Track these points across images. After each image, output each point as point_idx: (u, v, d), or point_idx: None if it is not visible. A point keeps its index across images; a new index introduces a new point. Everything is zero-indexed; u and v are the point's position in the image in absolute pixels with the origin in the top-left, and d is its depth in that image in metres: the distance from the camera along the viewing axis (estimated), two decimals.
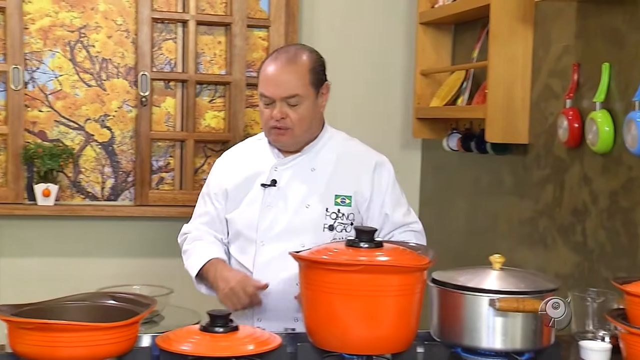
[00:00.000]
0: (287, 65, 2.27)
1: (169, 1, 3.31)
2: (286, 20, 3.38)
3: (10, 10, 3.11)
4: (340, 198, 2.34)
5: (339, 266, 1.80)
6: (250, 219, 2.32)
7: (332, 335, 1.82)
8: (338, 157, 2.37)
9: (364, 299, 1.79)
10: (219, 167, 2.46)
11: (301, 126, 2.29)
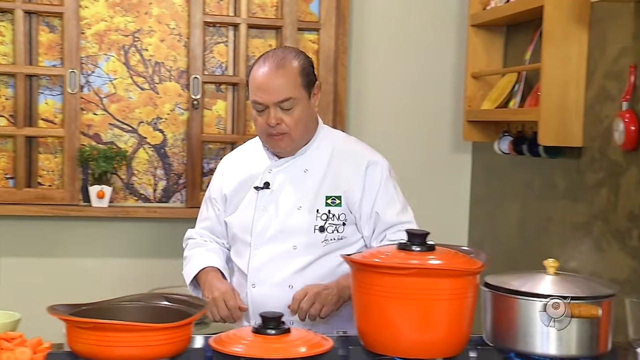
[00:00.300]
0: (277, 69, 2.23)
1: (220, 5, 3.34)
2: (336, 23, 3.38)
3: (68, 15, 3.17)
4: (330, 199, 2.31)
5: (391, 269, 1.79)
6: (245, 223, 2.33)
7: (383, 339, 1.81)
8: (331, 156, 2.35)
9: (416, 302, 1.78)
10: (219, 171, 2.47)
11: (297, 129, 2.27)
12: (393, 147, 3.48)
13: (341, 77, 3.36)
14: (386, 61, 3.46)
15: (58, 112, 3.24)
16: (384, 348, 1.82)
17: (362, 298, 1.85)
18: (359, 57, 3.42)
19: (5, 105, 3.21)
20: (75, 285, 3.24)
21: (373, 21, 3.43)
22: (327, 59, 3.40)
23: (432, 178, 3.54)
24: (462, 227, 3.55)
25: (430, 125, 3.52)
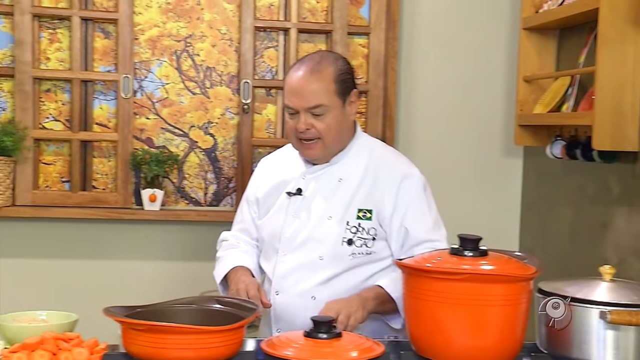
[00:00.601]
0: (311, 74, 2.19)
1: (271, 10, 3.35)
2: (386, 27, 3.37)
3: (122, 21, 3.21)
4: (362, 212, 2.25)
5: (443, 274, 1.78)
6: (275, 228, 2.29)
7: (436, 344, 1.81)
8: (367, 167, 2.29)
9: (469, 308, 1.77)
10: (255, 174, 2.45)
11: (329, 136, 2.21)
12: (443, 151, 3.47)
13: (391, 82, 3.35)
14: (436, 65, 3.45)
15: (112, 116, 3.29)
16: (436, 353, 1.81)
17: (414, 303, 1.84)
18: (409, 61, 3.41)
19: (62, 110, 3.27)
20: (128, 287, 3.28)
21: (423, 25, 3.41)
22: (377, 63, 3.40)
23: (482, 183, 3.51)
24: (513, 232, 3.51)
25: (481, 129, 3.49)
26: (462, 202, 3.49)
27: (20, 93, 3.17)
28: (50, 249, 3.24)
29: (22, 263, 3.23)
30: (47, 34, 3.23)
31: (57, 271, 3.23)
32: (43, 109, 3.25)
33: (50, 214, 3.21)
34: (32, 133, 3.20)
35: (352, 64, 3.32)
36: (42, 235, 3.25)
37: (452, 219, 3.41)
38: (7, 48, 3.20)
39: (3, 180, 3.11)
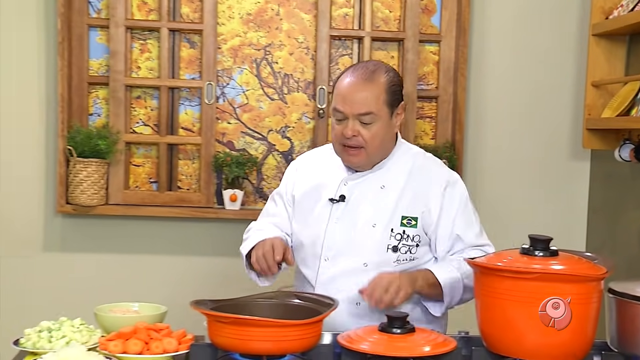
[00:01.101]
0: (364, 82, 2.14)
1: (346, 19, 3.36)
2: (457, 35, 3.34)
3: (206, 32, 3.26)
4: (406, 219, 2.19)
5: (514, 273, 1.76)
6: (317, 234, 2.21)
7: (506, 341, 1.78)
8: (409, 174, 2.23)
9: (539, 306, 1.74)
10: (291, 171, 2.37)
11: (373, 144, 2.16)
12: (511, 155, 3.42)
13: (461, 87, 3.32)
14: (505, 70, 3.40)
15: (196, 121, 3.35)
16: (507, 350, 1.79)
17: (485, 300, 1.82)
18: (479, 67, 3.37)
19: (151, 116, 3.34)
20: (211, 281, 3.33)
21: (492, 32, 3.37)
22: (447, 69, 3.37)
23: (550, 186, 3.44)
24: (580, 234, 3.44)
25: (549, 133, 3.43)
26: (530, 204, 3.43)
27: (113, 100, 3.25)
28: (139, 245, 3.31)
29: (114, 258, 3.31)
30: (138, 45, 3.30)
31: (146, 265, 3.30)
32: (134, 115, 3.33)
33: (139, 212, 3.28)
34: (124, 137, 3.27)
35: (423, 70, 3.36)
36: (132, 232, 3.33)
37: (520, 221, 3.39)
38: (103, 58, 3.28)
39: (97, 180, 3.19)
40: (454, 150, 3.31)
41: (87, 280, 3.28)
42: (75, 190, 3.17)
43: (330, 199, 2.23)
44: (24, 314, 3.17)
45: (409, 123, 3.35)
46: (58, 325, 1.89)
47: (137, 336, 1.84)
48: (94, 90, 3.29)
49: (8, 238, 3.25)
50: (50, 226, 3.28)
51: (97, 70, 3.28)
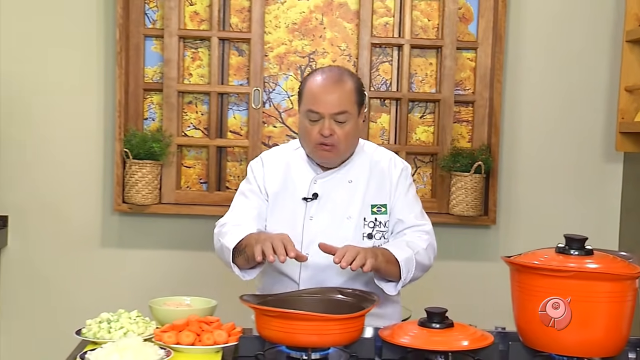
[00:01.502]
0: (336, 83, 2.17)
1: (386, 28, 3.35)
2: (493, 42, 3.31)
3: (254, 40, 3.28)
4: (376, 207, 2.25)
5: (550, 272, 1.74)
6: (294, 233, 2.15)
7: (542, 336, 1.76)
8: (370, 167, 2.28)
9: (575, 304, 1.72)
10: (257, 168, 2.31)
11: (346, 143, 2.19)
12: (546, 157, 3.38)
13: (497, 92, 3.28)
14: (540, 75, 3.36)
15: (244, 125, 3.36)
16: (543, 345, 1.77)
17: (522, 297, 1.81)
18: (514, 72, 3.34)
19: (201, 120, 3.37)
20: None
21: (528, 38, 3.33)
22: (484, 75, 3.34)
23: (583, 187, 3.39)
24: (613, 235, 3.38)
25: (583, 136, 3.37)
26: (564, 205, 3.39)
27: (167, 105, 3.29)
28: (190, 242, 3.34)
29: (167, 254, 3.34)
30: (190, 53, 3.34)
31: (197, 261, 3.32)
32: (185, 119, 3.36)
33: (190, 211, 3.31)
34: (176, 140, 3.30)
35: (460, 76, 3.33)
36: (183, 230, 3.35)
37: (554, 222, 3.35)
38: (157, 66, 3.32)
39: (152, 181, 3.23)
40: (489, 153, 3.28)
41: (142, 274, 3.32)
42: (131, 190, 3.21)
43: (303, 198, 2.24)
44: (85, 305, 3.22)
45: (446, 127, 3.33)
46: (116, 317, 1.92)
47: (190, 328, 1.85)
48: (149, 96, 3.33)
49: (69, 235, 3.31)
50: (107, 224, 3.32)
51: (151, 77, 3.32)
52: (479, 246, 3.38)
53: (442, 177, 3.35)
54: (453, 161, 3.24)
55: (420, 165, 3.41)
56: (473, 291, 3.34)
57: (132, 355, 1.69)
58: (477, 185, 3.23)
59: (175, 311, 2.01)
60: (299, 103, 2.25)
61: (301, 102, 2.23)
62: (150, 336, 1.88)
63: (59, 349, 2.18)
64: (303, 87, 2.23)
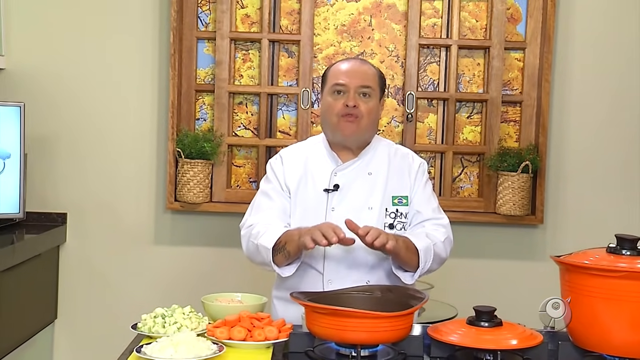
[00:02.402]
0: (361, 64, 2.28)
1: (434, 29, 3.33)
2: (541, 42, 3.26)
3: (303, 42, 3.29)
4: (397, 199, 2.26)
5: (601, 272, 1.71)
6: (316, 224, 2.12)
7: (593, 336, 1.74)
8: (389, 159, 2.30)
9: (626, 304, 1.69)
10: (277, 165, 2.31)
11: (369, 118, 2.23)
12: (594, 156, 3.32)
13: (545, 92, 3.23)
14: (589, 76, 3.29)
15: (292, 125, 3.37)
16: (593, 345, 1.74)
17: (572, 297, 1.77)
18: (563, 72, 3.28)
19: (251, 120, 3.39)
20: None
21: (577, 38, 3.27)
22: (532, 75, 3.30)
23: (632, 187, 3.32)
24: None
25: (631, 135, 3.30)
26: (612, 205, 3.32)
27: (218, 106, 3.32)
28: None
29: (218, 251, 3.36)
30: (241, 55, 3.36)
31: (247, 259, 3.33)
32: (236, 119, 3.38)
33: (240, 210, 3.27)
34: (227, 140, 3.33)
35: (508, 76, 3.29)
36: (234, 228, 3.36)
37: (602, 222, 3.28)
38: (209, 68, 3.35)
39: (203, 180, 3.26)
40: (537, 153, 3.23)
41: (194, 271, 3.35)
42: (182, 189, 3.25)
43: (325, 189, 2.25)
44: (140, 301, 3.27)
45: (493, 127, 3.29)
46: (170, 312, 1.94)
47: (241, 324, 1.87)
48: (201, 97, 3.37)
49: (124, 232, 3.36)
50: (160, 221, 3.37)
51: (203, 78, 3.36)
52: (526, 245, 3.33)
53: (489, 177, 3.32)
54: (500, 161, 3.20)
55: (467, 165, 3.37)
56: (520, 290, 3.29)
57: (186, 349, 1.71)
58: (525, 185, 3.19)
59: (227, 307, 2.03)
60: (322, 88, 2.30)
61: (325, 85, 2.28)
62: (203, 331, 1.90)
63: (116, 342, 2.21)
64: (327, 72, 2.30)
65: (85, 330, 3.37)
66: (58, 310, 3.36)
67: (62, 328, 3.38)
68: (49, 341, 3.36)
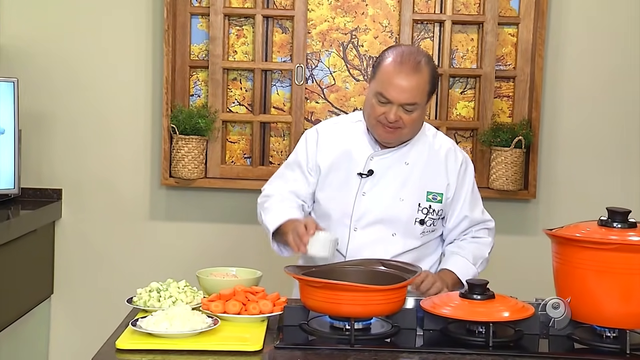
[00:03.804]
0: (413, 73, 2.10)
1: (428, 4, 3.30)
2: (535, 17, 3.24)
3: (297, 17, 3.26)
4: (432, 195, 2.22)
5: (592, 244, 1.71)
6: (345, 206, 2.18)
7: (584, 308, 1.75)
8: (429, 152, 2.24)
9: (617, 276, 1.70)
10: (311, 141, 2.27)
11: (411, 128, 2.16)
12: (586, 131, 3.31)
13: (538, 68, 3.22)
14: (582, 51, 3.28)
15: (286, 101, 3.36)
16: (585, 317, 1.75)
17: (563, 270, 1.78)
18: (556, 47, 3.26)
19: (245, 96, 3.37)
20: None
21: (571, 13, 3.24)
22: (525, 51, 3.28)
23: (624, 162, 3.32)
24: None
25: (624, 110, 3.29)
26: (604, 180, 3.32)
27: (212, 82, 3.29)
28: (235, 215, 3.36)
29: (212, 226, 3.36)
30: (235, 31, 3.33)
31: (242, 233, 3.34)
32: (230, 95, 3.36)
33: (234, 185, 3.32)
34: (221, 116, 3.31)
35: (501, 52, 3.27)
36: (228, 203, 3.37)
37: (594, 196, 3.28)
38: (203, 44, 3.32)
39: (197, 156, 3.25)
40: (530, 128, 3.22)
41: (189, 246, 3.35)
42: (177, 165, 3.24)
43: (359, 173, 2.21)
44: (135, 275, 3.27)
45: (486, 102, 3.28)
46: (165, 286, 1.94)
47: (236, 298, 1.87)
48: (195, 73, 3.34)
49: (119, 207, 3.35)
50: (155, 197, 3.36)
51: (197, 54, 3.33)
52: (519, 220, 3.33)
53: (483, 152, 3.31)
54: (493, 136, 3.19)
55: (460, 140, 3.37)
56: (513, 264, 3.30)
57: (181, 323, 1.71)
58: (518, 160, 3.19)
59: (221, 281, 2.03)
60: (372, 76, 2.19)
61: (374, 78, 2.17)
62: (197, 305, 1.90)
63: (112, 316, 2.21)
64: (379, 64, 2.16)
65: (81, 305, 3.37)
66: (54, 285, 3.36)
67: (58, 303, 3.38)
68: (45, 316, 3.36)
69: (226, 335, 1.74)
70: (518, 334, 1.77)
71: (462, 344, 1.73)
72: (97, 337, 2.14)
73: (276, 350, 1.69)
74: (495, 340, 1.72)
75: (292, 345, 1.71)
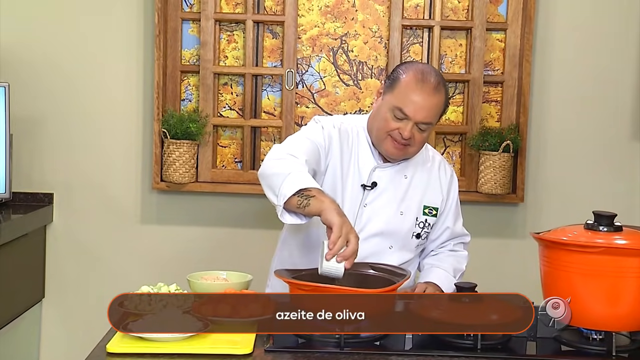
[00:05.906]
0: (434, 95, 2.07)
1: (417, 10, 3.31)
2: (522, 23, 3.25)
3: (287, 22, 3.26)
4: (428, 209, 2.24)
5: (579, 247, 1.72)
6: (347, 216, 2.02)
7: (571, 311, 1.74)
8: (424, 165, 2.26)
9: (603, 279, 1.71)
10: (329, 125, 2.16)
11: (418, 147, 2.17)
12: (574, 136, 3.33)
13: (525, 73, 3.23)
14: (569, 56, 3.30)
15: (277, 105, 3.36)
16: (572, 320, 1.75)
17: (550, 273, 1.79)
18: (543, 53, 3.28)
19: (236, 101, 3.37)
20: None
21: (558, 19, 3.26)
22: (513, 56, 3.29)
23: (612, 166, 3.33)
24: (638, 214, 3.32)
25: (611, 115, 3.31)
26: (592, 184, 3.34)
27: (203, 86, 3.29)
28: (226, 219, 3.35)
29: (203, 230, 3.35)
30: (226, 36, 3.33)
31: (232, 237, 3.34)
32: (221, 100, 3.36)
33: (225, 189, 3.32)
34: (212, 120, 3.31)
35: (489, 57, 3.29)
36: (219, 207, 3.37)
37: (582, 200, 3.30)
38: (194, 49, 3.32)
39: (188, 160, 3.24)
40: (518, 132, 3.24)
41: (180, 250, 3.34)
42: (168, 169, 3.23)
43: (362, 185, 2.20)
44: (126, 279, 3.26)
45: (475, 107, 3.29)
46: (156, 290, 1.93)
47: None
48: (186, 78, 3.34)
49: (110, 212, 3.34)
50: (146, 201, 3.35)
51: (188, 59, 3.33)
52: (507, 223, 3.34)
53: (471, 156, 3.32)
54: (482, 140, 3.21)
55: (449, 145, 3.38)
56: (501, 267, 3.31)
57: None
58: (506, 164, 3.20)
59: (212, 285, 2.02)
60: (386, 89, 2.14)
61: (390, 91, 2.11)
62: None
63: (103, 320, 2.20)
64: (397, 78, 2.11)
65: (73, 309, 3.36)
66: (45, 289, 3.35)
67: (50, 306, 3.37)
68: (36, 319, 3.34)
69: (216, 338, 1.74)
70: (506, 337, 1.77)
71: (450, 347, 1.73)
72: (87, 340, 2.13)
73: (266, 353, 1.69)
74: (484, 343, 1.73)
75: (282, 349, 1.71)
